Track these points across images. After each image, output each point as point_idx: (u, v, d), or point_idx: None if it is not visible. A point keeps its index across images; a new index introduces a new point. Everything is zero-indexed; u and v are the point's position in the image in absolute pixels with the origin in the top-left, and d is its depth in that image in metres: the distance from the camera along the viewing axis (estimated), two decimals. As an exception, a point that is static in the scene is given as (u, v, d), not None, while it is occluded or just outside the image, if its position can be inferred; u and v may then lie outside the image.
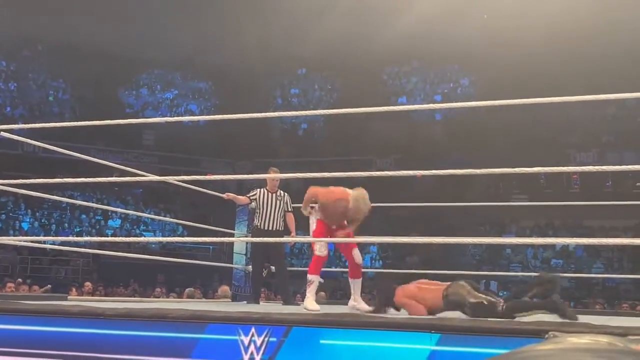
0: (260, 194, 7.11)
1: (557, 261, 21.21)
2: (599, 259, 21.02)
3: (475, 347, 3.22)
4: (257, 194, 7.12)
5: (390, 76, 29.52)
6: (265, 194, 7.10)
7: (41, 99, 27.68)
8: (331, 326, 3.58)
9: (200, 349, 3.64)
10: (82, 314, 3.98)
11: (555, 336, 2.78)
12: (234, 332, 3.60)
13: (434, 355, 3.29)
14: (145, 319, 3.87)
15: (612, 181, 23.16)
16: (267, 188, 7.16)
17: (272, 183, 7.16)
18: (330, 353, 3.47)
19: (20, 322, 4.04)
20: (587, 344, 1.18)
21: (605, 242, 4.15)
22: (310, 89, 30.56)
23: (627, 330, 2.97)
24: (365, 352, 3.42)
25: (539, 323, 3.44)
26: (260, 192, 7.13)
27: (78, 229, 21.61)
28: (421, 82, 29.10)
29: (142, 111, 29.02)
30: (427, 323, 3.49)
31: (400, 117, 25.11)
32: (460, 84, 28.54)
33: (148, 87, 30.38)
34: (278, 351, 3.51)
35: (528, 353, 1.01)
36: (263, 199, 7.06)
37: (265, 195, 7.09)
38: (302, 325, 3.59)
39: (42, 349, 3.90)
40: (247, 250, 8.04)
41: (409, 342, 3.37)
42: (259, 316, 3.72)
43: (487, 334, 3.35)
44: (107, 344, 3.81)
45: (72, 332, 3.92)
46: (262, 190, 7.13)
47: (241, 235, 8.11)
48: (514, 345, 1.08)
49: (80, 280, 17.22)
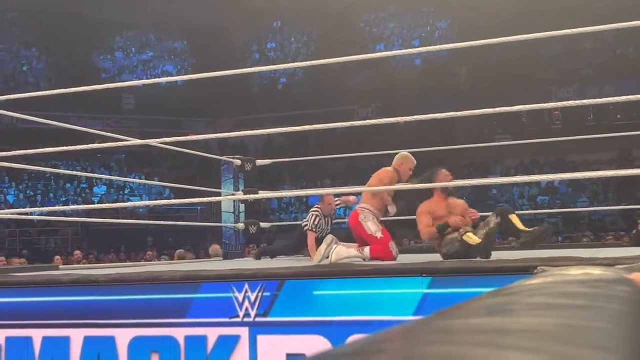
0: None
1: (543, 198, 21.42)
2: (584, 192, 21.23)
3: (466, 287, 3.27)
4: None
5: (367, 23, 29.26)
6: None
7: (15, 69, 27.29)
8: (323, 277, 3.61)
9: (195, 309, 3.66)
10: (75, 282, 3.99)
11: (544, 271, 2.81)
12: (227, 289, 3.63)
13: (426, 298, 3.33)
14: (138, 282, 3.88)
15: (594, 114, 23.27)
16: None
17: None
18: (324, 303, 3.51)
19: (13, 295, 4.04)
20: (576, 275, 1.20)
21: (589, 175, 4.19)
22: (287, 41, 30.27)
23: (615, 261, 3.01)
24: (358, 300, 3.46)
25: (528, 260, 3.49)
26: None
27: (64, 198, 21.53)
28: (398, 28, 28.88)
29: (118, 75, 28.69)
30: (417, 267, 3.53)
31: (380, 65, 24.97)
32: (438, 27, 28.36)
33: (122, 50, 29.98)
34: (272, 305, 3.55)
35: (516, 288, 1.02)
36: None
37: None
38: (295, 278, 3.62)
39: (36, 320, 3.92)
40: (235, 208, 8.05)
41: (401, 287, 3.42)
42: (252, 272, 3.75)
43: (477, 273, 3.40)
44: (101, 310, 3.83)
45: (66, 301, 3.93)
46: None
47: (227, 194, 8.11)
48: (504, 283, 1.10)
49: (70, 248, 17.23)
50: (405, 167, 5.32)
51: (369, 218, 5.10)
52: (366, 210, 5.14)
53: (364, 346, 0.65)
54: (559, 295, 0.93)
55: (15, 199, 21.02)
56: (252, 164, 7.95)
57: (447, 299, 3.24)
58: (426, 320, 0.80)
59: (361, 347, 0.64)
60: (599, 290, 0.99)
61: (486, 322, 0.75)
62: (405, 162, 5.34)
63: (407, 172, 5.33)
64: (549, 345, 0.61)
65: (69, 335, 3.83)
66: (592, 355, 0.58)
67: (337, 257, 4.88)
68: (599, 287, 1.03)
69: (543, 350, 0.59)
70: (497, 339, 0.64)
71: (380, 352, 0.62)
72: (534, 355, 0.57)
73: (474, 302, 0.91)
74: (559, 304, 0.86)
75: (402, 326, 0.75)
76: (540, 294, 0.94)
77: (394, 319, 3.28)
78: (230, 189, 8.03)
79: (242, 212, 7.97)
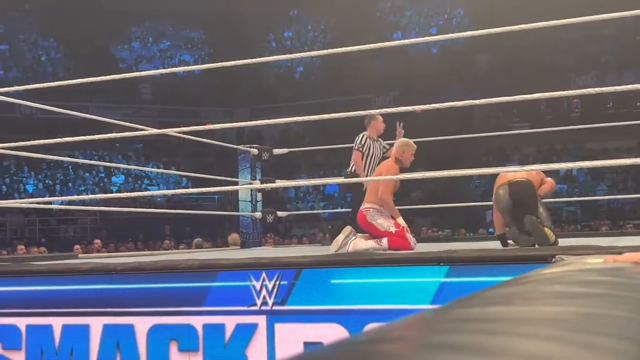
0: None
1: (561, 186, 21.26)
2: (603, 180, 21.06)
3: (483, 276, 3.26)
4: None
5: (384, 12, 29.11)
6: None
7: (34, 59, 27.42)
8: (341, 266, 3.61)
9: (212, 297, 3.68)
10: (94, 270, 4.02)
11: (562, 259, 2.80)
12: (245, 278, 3.64)
13: (444, 287, 3.33)
14: (156, 271, 3.91)
15: (613, 102, 23.03)
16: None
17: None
18: (342, 292, 3.51)
19: (33, 283, 4.08)
20: (595, 264, 1.19)
21: (608, 163, 4.15)
22: (304, 30, 30.19)
23: (635, 249, 2.98)
24: (376, 289, 3.45)
25: (546, 249, 3.46)
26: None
27: (82, 188, 21.67)
28: (415, 16, 28.71)
29: (135, 65, 28.75)
30: (435, 256, 3.52)
31: (397, 53, 24.83)
32: (455, 15, 28.16)
33: (140, 40, 30.04)
34: (290, 294, 3.55)
35: (534, 277, 1.02)
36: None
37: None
38: (312, 266, 3.62)
39: (57, 308, 3.95)
40: (252, 197, 8.06)
41: (418, 275, 3.41)
42: (269, 261, 3.75)
43: (494, 262, 3.38)
44: (120, 299, 3.85)
45: (84, 289, 3.96)
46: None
47: (245, 183, 8.12)
48: (522, 271, 1.09)
49: (89, 237, 17.35)
50: (408, 154, 5.31)
51: (376, 216, 5.10)
52: (370, 209, 5.14)
53: (382, 334, 0.64)
54: (578, 284, 0.93)
55: (35, 188, 21.19)
56: (269, 153, 7.96)
57: (464, 287, 3.23)
58: (443, 309, 0.79)
59: (378, 336, 0.64)
60: (619, 279, 0.98)
61: (504, 310, 0.74)
62: (407, 149, 5.32)
63: (409, 159, 5.32)
64: (568, 334, 0.60)
65: (89, 323, 3.86)
66: (613, 345, 0.57)
67: (354, 249, 4.89)
68: (619, 275, 1.02)
69: (562, 339, 0.58)
70: (515, 328, 0.63)
71: (397, 340, 0.62)
72: (552, 343, 0.57)
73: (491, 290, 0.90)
74: (578, 292, 0.86)
75: (420, 315, 0.75)
76: (559, 283, 0.94)
77: (411, 308, 3.28)
78: (248, 178, 8.03)
79: (260, 201, 7.98)
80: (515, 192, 4.67)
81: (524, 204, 4.67)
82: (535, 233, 4.41)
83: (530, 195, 4.70)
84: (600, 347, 0.57)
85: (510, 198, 4.67)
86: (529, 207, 4.62)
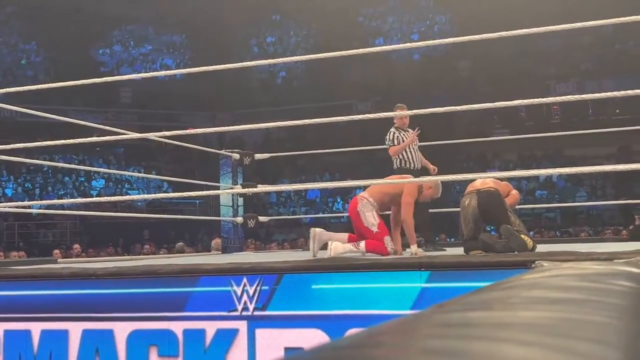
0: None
1: (541, 192, 21.41)
2: (582, 187, 21.23)
3: (464, 281, 3.27)
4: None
5: (366, 17, 29.19)
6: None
7: (13, 62, 27.21)
8: (322, 271, 3.61)
9: (193, 303, 3.67)
10: (73, 275, 3.99)
11: (541, 265, 2.82)
12: (226, 283, 3.63)
13: (425, 292, 3.34)
14: (137, 276, 3.88)
15: (592, 109, 23.24)
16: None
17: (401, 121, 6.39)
18: (323, 298, 3.51)
19: (12, 288, 4.04)
20: (574, 269, 1.20)
21: (588, 169, 4.19)
22: (286, 35, 30.20)
23: (612, 255, 3.00)
24: (357, 294, 3.46)
25: (526, 254, 3.49)
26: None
27: (62, 192, 21.50)
28: (397, 22, 28.82)
29: (117, 69, 28.60)
30: (416, 262, 3.53)
31: (379, 59, 24.91)
32: (437, 21, 28.30)
33: (121, 43, 29.89)
34: (271, 299, 3.55)
35: (514, 282, 1.02)
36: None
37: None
38: (293, 272, 3.62)
39: (35, 313, 3.92)
40: (233, 202, 8.05)
41: (399, 281, 3.42)
42: (250, 266, 3.75)
43: (475, 268, 3.40)
44: (100, 304, 3.83)
45: (64, 294, 3.93)
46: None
47: (226, 187, 8.11)
48: (502, 277, 1.10)
49: (69, 242, 17.21)
50: (429, 191, 5.33)
51: (368, 209, 5.08)
52: (365, 200, 5.12)
53: (362, 340, 0.64)
54: (557, 289, 0.93)
55: (14, 192, 21.00)
56: (250, 157, 7.95)
57: (445, 293, 3.24)
58: (424, 314, 0.80)
59: (359, 341, 0.64)
60: (598, 285, 0.98)
61: (484, 316, 0.75)
62: (434, 190, 5.38)
63: (428, 195, 5.33)
64: (547, 338, 0.61)
65: (68, 328, 3.83)
66: (591, 349, 0.58)
67: (335, 252, 4.88)
68: (597, 281, 1.02)
69: (541, 343, 0.59)
70: (495, 333, 0.64)
71: (378, 345, 0.62)
72: (532, 348, 0.57)
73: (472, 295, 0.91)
74: (557, 298, 0.86)
75: (401, 320, 0.75)
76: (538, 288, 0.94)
77: (392, 313, 3.29)
78: (229, 182, 8.02)
79: (241, 206, 7.97)
80: (484, 203, 4.66)
81: (492, 215, 4.68)
82: (512, 241, 4.38)
83: (499, 205, 4.70)
84: (579, 352, 0.58)
85: (478, 208, 4.65)
86: (500, 218, 4.62)
